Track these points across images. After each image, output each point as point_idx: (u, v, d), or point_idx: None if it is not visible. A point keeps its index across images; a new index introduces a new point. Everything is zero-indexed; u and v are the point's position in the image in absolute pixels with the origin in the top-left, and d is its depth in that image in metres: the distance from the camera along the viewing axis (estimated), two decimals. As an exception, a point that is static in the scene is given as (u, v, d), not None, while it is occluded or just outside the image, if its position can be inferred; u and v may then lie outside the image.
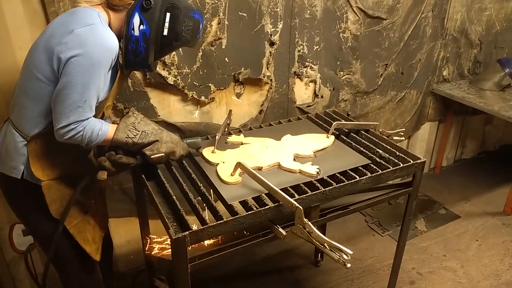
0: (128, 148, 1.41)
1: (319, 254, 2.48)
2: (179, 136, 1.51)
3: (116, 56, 1.32)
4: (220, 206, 1.41)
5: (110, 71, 1.35)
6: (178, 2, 1.36)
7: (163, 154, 1.44)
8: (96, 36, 1.25)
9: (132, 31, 1.33)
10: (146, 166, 1.56)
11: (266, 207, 1.34)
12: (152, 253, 1.68)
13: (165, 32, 1.36)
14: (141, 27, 1.32)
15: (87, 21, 1.27)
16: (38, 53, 1.29)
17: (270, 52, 2.19)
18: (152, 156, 1.42)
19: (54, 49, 1.25)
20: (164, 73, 1.94)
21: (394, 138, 1.93)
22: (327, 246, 1.27)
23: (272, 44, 2.17)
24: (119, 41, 1.34)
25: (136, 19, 1.32)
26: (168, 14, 1.34)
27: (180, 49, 1.89)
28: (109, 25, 1.35)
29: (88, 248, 1.53)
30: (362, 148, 1.75)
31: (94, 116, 1.32)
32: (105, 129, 1.34)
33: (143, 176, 1.55)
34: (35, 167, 1.37)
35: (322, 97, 2.50)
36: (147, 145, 1.41)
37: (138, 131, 1.39)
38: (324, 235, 1.29)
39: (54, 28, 1.30)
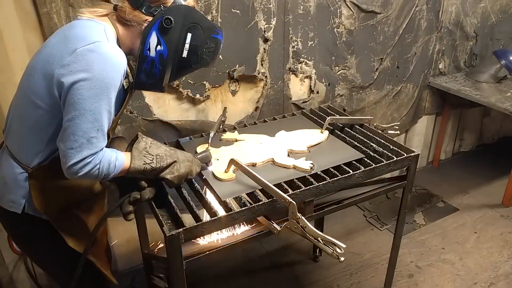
0: (145, 176, 1.28)
1: (318, 250, 2.48)
2: (191, 154, 1.42)
3: (124, 74, 1.18)
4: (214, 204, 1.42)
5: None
6: (200, 21, 1.25)
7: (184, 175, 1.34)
8: (102, 55, 1.10)
9: (148, 52, 1.20)
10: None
11: (260, 203, 1.35)
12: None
13: (184, 54, 1.25)
14: (158, 47, 1.20)
15: (90, 37, 1.12)
16: (36, 77, 1.14)
17: (264, 49, 2.19)
18: (172, 179, 1.31)
19: (54, 72, 1.10)
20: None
21: (389, 132, 1.93)
22: (320, 240, 1.27)
23: (266, 40, 2.17)
24: (129, 59, 1.23)
25: (153, 39, 1.19)
26: (189, 35, 1.23)
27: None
28: (117, 40, 1.22)
29: (108, 273, 1.43)
30: (356, 143, 1.76)
31: None
32: (121, 158, 1.21)
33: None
34: (38, 201, 1.23)
35: (317, 92, 2.50)
36: (166, 168, 1.29)
37: (152, 155, 1.26)
38: (322, 230, 1.30)
39: (53, 46, 1.15)
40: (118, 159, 1.20)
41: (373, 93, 2.77)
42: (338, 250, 1.25)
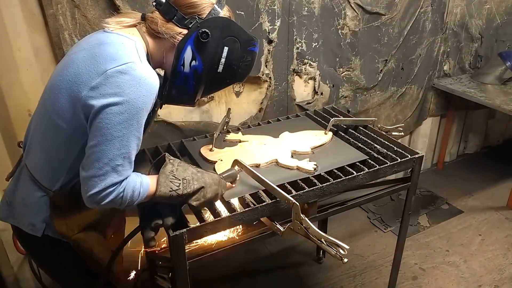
0: (171, 201, 1.19)
1: (321, 251, 2.48)
2: (218, 174, 1.33)
3: (156, 96, 1.10)
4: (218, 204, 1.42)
5: None
6: (238, 34, 1.18)
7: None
8: (135, 78, 1.01)
9: (182, 67, 1.13)
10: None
11: (263, 204, 1.35)
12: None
13: (220, 69, 1.18)
14: (193, 63, 1.14)
15: (122, 57, 1.03)
16: (60, 96, 1.06)
17: (269, 50, 2.20)
18: (197, 206, 1.23)
19: (81, 94, 1.02)
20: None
21: (393, 133, 1.93)
22: (324, 242, 1.27)
23: (270, 42, 2.18)
24: (158, 73, 1.14)
25: (188, 54, 1.13)
26: (226, 49, 1.17)
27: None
28: (147, 53, 1.14)
29: None
30: (360, 144, 1.75)
31: None
32: (146, 183, 1.12)
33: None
34: (59, 225, 1.18)
35: (321, 94, 2.50)
36: (193, 194, 1.20)
37: (179, 179, 1.17)
38: (325, 232, 1.29)
39: (79, 65, 1.05)
40: (143, 185, 1.11)
41: (377, 95, 2.76)
42: (341, 251, 1.24)
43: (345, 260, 1.24)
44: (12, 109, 1.71)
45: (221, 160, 1.59)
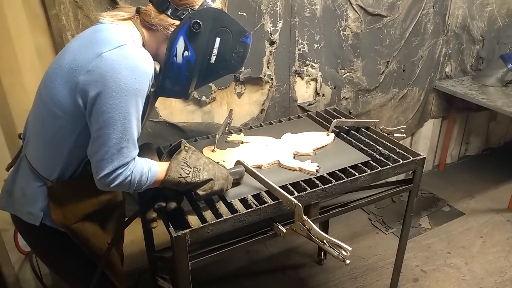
0: (178, 188, 1.24)
1: (322, 253, 2.48)
2: (227, 170, 1.36)
3: (152, 79, 1.11)
4: (220, 205, 1.42)
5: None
6: (230, 25, 1.20)
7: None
8: (130, 59, 1.04)
9: (175, 58, 1.15)
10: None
11: (265, 205, 1.35)
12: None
13: (212, 60, 1.20)
14: (186, 53, 1.15)
15: (117, 40, 1.06)
16: (57, 84, 1.08)
17: (271, 51, 2.20)
18: (202, 195, 1.26)
19: (79, 79, 1.03)
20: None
21: (395, 135, 1.93)
22: (326, 243, 1.27)
23: (272, 43, 2.18)
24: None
25: (181, 44, 1.14)
26: (218, 40, 1.18)
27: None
28: (143, 45, 1.16)
29: (121, 286, 1.38)
30: (362, 146, 1.75)
31: None
32: (155, 170, 1.16)
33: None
34: (56, 214, 1.18)
35: (323, 95, 2.50)
36: (201, 184, 1.24)
37: (190, 167, 1.21)
38: (327, 233, 1.30)
39: (76, 51, 1.08)
40: (151, 171, 1.15)
41: (379, 96, 2.77)
42: (344, 252, 1.24)
43: (348, 261, 1.24)
44: (14, 109, 1.71)
45: (223, 161, 1.59)
